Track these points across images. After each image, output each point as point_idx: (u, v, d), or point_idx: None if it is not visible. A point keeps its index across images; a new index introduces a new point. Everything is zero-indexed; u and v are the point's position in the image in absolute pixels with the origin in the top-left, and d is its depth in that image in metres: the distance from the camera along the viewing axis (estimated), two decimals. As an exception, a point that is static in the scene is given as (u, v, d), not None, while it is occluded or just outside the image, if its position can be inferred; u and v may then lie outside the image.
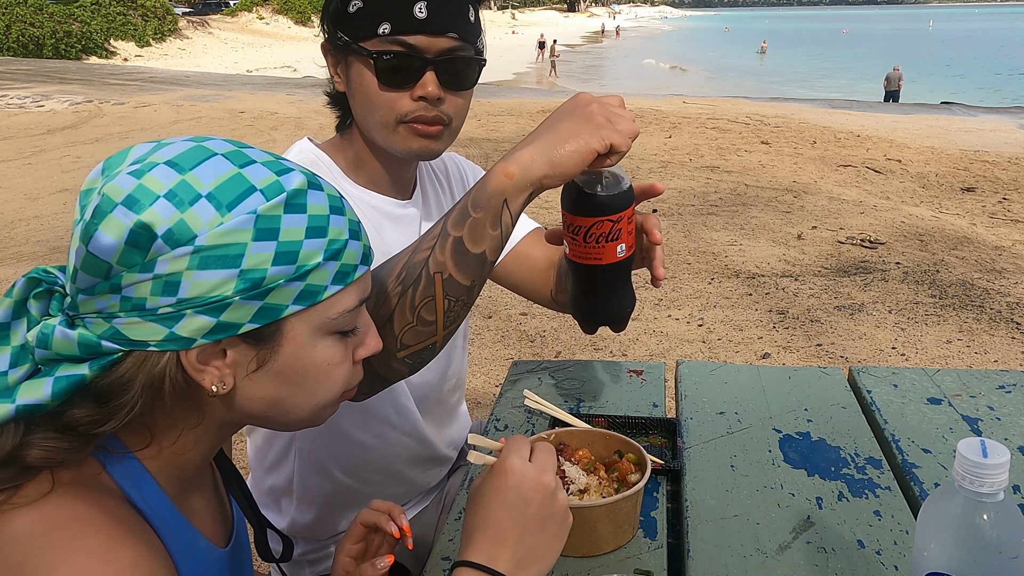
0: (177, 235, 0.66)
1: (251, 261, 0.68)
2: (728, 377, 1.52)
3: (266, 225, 0.68)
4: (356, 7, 1.12)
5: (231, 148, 0.72)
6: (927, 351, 3.95)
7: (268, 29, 41.71)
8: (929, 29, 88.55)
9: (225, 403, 0.74)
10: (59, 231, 6.19)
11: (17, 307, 0.71)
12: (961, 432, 1.30)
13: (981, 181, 8.06)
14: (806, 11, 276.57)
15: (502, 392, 1.51)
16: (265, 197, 0.69)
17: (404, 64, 1.12)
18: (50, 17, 29.70)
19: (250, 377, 0.73)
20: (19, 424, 0.67)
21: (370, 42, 1.11)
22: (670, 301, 4.66)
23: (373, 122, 1.16)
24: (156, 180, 0.67)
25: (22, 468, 0.66)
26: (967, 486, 0.71)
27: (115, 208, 0.66)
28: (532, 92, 19.61)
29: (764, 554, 1.03)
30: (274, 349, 0.72)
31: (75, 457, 0.69)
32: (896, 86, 18.22)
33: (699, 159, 8.75)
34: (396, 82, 1.12)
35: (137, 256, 0.66)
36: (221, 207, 0.67)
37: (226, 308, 0.68)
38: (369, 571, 0.92)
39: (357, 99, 1.17)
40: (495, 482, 0.80)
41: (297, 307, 0.71)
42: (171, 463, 0.76)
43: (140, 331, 0.68)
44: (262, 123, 11.37)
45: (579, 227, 0.96)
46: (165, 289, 0.66)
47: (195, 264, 0.66)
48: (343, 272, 0.74)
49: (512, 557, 0.78)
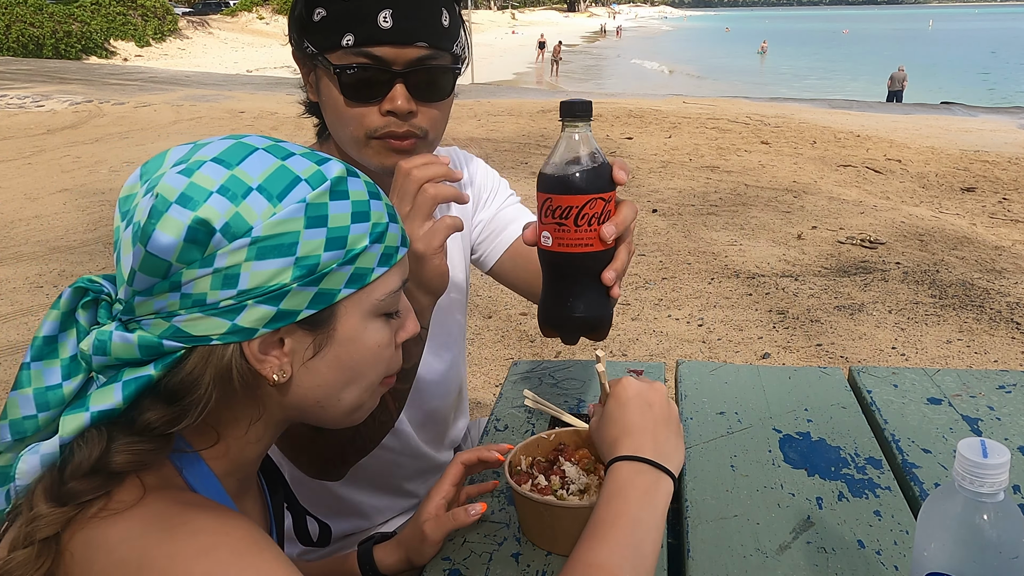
0: (234, 228, 0.68)
1: (305, 248, 0.70)
2: (728, 377, 1.52)
3: (315, 213, 0.71)
4: (320, 15, 1.05)
5: (269, 143, 0.75)
6: (927, 351, 3.95)
7: (268, 29, 41.71)
8: (929, 29, 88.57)
9: (283, 393, 0.76)
10: (59, 231, 6.19)
11: (64, 318, 0.73)
12: (961, 432, 1.30)
13: (981, 181, 8.06)
14: (806, 11, 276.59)
15: (502, 392, 1.51)
16: (311, 186, 0.71)
17: (370, 78, 1.05)
18: (50, 17, 29.73)
19: (306, 365, 0.75)
20: (102, 432, 0.69)
21: (335, 54, 1.06)
22: (670, 301, 4.66)
23: (344, 136, 1.12)
24: (207, 177, 0.69)
25: (109, 475, 0.68)
26: (967, 486, 0.71)
27: (170, 207, 0.67)
28: (532, 92, 19.61)
29: (764, 554, 1.03)
30: (329, 334, 0.75)
31: (156, 458, 0.71)
32: (900, 86, 18.21)
33: (699, 159, 8.75)
34: (363, 97, 1.07)
35: (196, 252, 0.67)
36: (272, 198, 0.69)
37: (285, 296, 0.70)
38: (462, 516, 1.01)
39: (327, 112, 1.13)
40: (618, 399, 0.93)
41: (348, 290, 0.74)
42: (233, 463, 0.78)
43: (202, 326, 0.69)
44: (262, 123, 11.37)
45: (568, 208, 0.90)
46: (225, 282, 0.68)
47: (253, 255, 0.68)
48: (387, 254, 0.77)
49: (653, 448, 0.88)
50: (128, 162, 8.77)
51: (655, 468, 0.86)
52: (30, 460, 0.69)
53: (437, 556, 1.05)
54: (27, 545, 0.65)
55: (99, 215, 6.59)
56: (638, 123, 11.32)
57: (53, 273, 5.22)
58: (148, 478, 0.70)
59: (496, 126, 10.90)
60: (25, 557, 0.65)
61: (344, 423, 0.83)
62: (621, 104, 13.59)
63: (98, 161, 8.92)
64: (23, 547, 0.65)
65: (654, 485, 0.85)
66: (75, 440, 0.69)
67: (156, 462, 0.71)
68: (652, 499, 0.84)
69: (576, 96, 1.00)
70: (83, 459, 0.68)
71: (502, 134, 10.16)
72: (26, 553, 0.65)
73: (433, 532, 1.01)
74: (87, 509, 0.67)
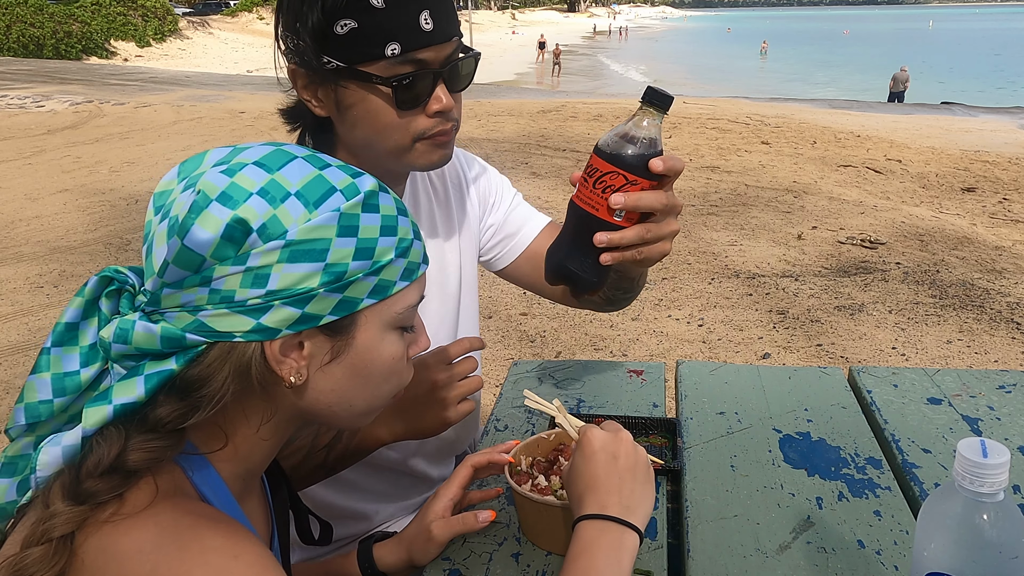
0: (270, 229, 0.70)
1: (335, 256, 0.72)
2: (728, 377, 1.52)
3: (348, 223, 0.73)
4: (347, 27, 1.00)
5: (307, 152, 0.77)
6: (927, 351, 3.95)
7: (268, 29, 41.39)
8: (929, 29, 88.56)
9: (297, 396, 0.77)
10: (59, 231, 6.19)
11: (87, 306, 0.74)
12: (961, 432, 1.30)
13: (981, 181, 8.05)
14: (806, 11, 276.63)
15: (502, 392, 1.51)
16: (345, 197, 0.74)
17: (419, 83, 1.04)
18: (50, 17, 29.70)
19: (323, 369, 0.77)
20: (120, 430, 0.70)
21: (375, 65, 1.02)
22: (670, 301, 4.66)
23: (387, 146, 1.09)
24: (248, 179, 0.71)
25: (125, 475, 0.69)
26: (967, 486, 0.71)
27: (211, 204, 0.69)
28: (532, 92, 19.62)
29: (764, 554, 1.03)
30: (348, 341, 0.77)
31: (169, 454, 0.72)
32: (902, 86, 18.21)
33: (699, 159, 8.75)
34: (413, 103, 1.05)
35: (231, 249, 0.69)
36: (308, 204, 0.72)
37: (311, 300, 0.72)
38: (471, 521, 1.02)
39: (360, 126, 1.08)
40: (583, 452, 0.92)
41: (371, 301, 0.76)
42: (241, 464, 0.79)
43: (227, 323, 0.71)
44: (262, 123, 11.37)
45: (595, 169, 0.94)
46: (255, 281, 0.70)
47: (285, 257, 0.70)
48: (409, 269, 0.79)
49: (619, 502, 0.89)
50: (128, 162, 8.78)
51: (620, 524, 0.87)
52: (52, 452, 0.69)
53: (437, 556, 1.05)
54: (43, 543, 0.66)
55: (99, 215, 6.59)
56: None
57: (53, 273, 5.22)
58: (160, 481, 0.70)
59: (496, 126, 10.90)
60: (41, 554, 0.65)
61: (353, 426, 0.85)
62: (621, 104, 13.60)
63: (98, 161, 8.92)
64: (38, 544, 0.65)
65: (619, 542, 0.86)
66: (94, 437, 0.69)
67: (169, 457, 0.72)
68: (617, 556, 0.86)
69: (654, 85, 1.01)
70: (101, 456, 0.68)
71: (502, 134, 10.16)
72: (42, 550, 0.65)
73: (440, 533, 1.02)
74: (101, 511, 0.67)
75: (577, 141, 9.73)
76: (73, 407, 0.74)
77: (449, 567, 1.03)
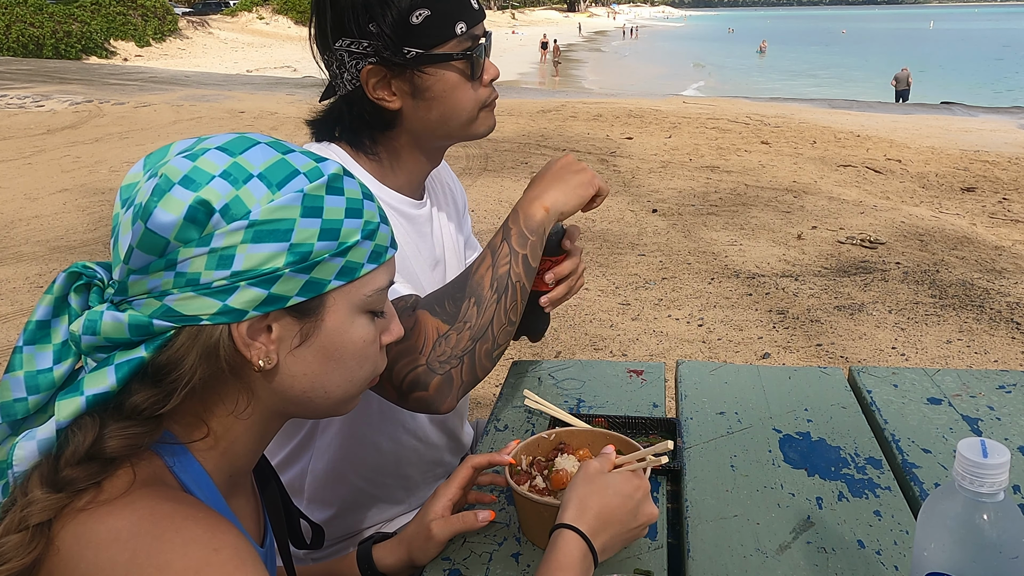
0: (233, 210, 0.70)
1: (299, 236, 0.72)
2: (728, 377, 1.52)
3: (312, 203, 0.74)
4: (423, 16, 1.11)
5: (271, 139, 0.78)
6: (927, 351, 3.95)
7: (268, 29, 41.71)
8: (929, 29, 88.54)
9: (269, 380, 0.77)
10: (59, 231, 6.19)
11: (57, 303, 0.74)
12: (961, 432, 1.30)
13: (981, 181, 8.06)
14: (806, 11, 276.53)
15: (502, 392, 1.51)
16: (308, 179, 0.74)
17: (480, 56, 1.19)
18: (50, 17, 29.70)
19: (293, 353, 0.77)
20: (95, 418, 0.70)
21: (448, 45, 1.15)
22: (670, 301, 4.66)
23: (460, 120, 1.21)
24: (210, 162, 0.72)
25: (103, 462, 0.69)
26: (967, 486, 0.71)
27: (173, 187, 0.70)
28: (533, 92, 19.61)
29: (764, 554, 1.03)
30: (316, 324, 0.77)
31: (147, 441, 0.72)
32: (906, 85, 18.52)
33: (699, 159, 8.75)
34: (478, 73, 1.20)
35: (194, 231, 0.69)
36: (271, 186, 0.72)
37: (276, 280, 0.72)
38: (471, 520, 1.03)
39: (436, 106, 1.18)
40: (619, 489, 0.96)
41: (338, 282, 0.76)
42: (223, 458, 0.79)
43: (193, 306, 0.71)
44: (262, 123, 11.37)
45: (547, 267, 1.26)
46: (220, 263, 0.70)
47: (249, 238, 0.71)
48: (377, 252, 0.79)
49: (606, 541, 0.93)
50: (128, 162, 8.77)
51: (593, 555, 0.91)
52: (27, 446, 0.69)
53: (437, 556, 1.05)
54: (20, 530, 0.65)
55: (99, 215, 6.59)
56: (638, 123, 11.32)
57: (53, 273, 5.21)
58: (139, 470, 0.70)
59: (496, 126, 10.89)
60: (18, 541, 0.65)
61: (331, 414, 0.85)
62: (621, 104, 13.59)
63: (98, 161, 8.92)
64: (16, 531, 0.65)
65: (589, 568, 0.91)
66: (70, 427, 0.69)
67: (148, 444, 0.72)
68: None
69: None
70: (78, 445, 0.68)
71: (502, 134, 10.16)
72: (19, 537, 0.65)
73: (440, 532, 1.02)
74: (78, 499, 0.67)
75: (577, 141, 9.73)
76: (50, 405, 0.73)
77: (449, 567, 1.02)
